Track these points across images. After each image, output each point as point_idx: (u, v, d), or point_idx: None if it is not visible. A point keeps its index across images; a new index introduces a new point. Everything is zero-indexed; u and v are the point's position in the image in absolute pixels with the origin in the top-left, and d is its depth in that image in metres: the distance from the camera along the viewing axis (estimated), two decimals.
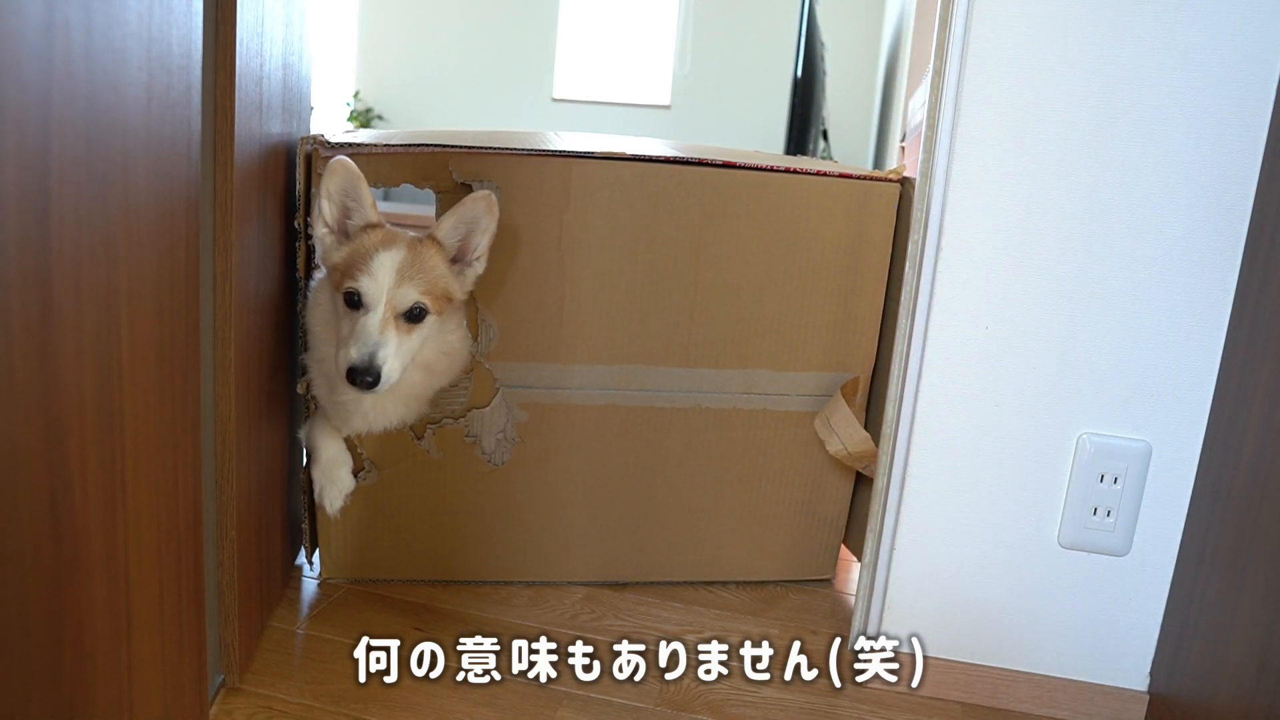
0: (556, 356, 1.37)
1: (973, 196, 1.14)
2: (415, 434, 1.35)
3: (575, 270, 1.34)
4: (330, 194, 1.19)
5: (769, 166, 1.35)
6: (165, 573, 0.77)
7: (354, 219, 1.21)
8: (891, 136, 3.56)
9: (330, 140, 1.26)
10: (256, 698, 1.11)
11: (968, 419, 1.19)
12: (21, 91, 0.51)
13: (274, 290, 1.22)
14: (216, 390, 1.01)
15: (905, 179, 1.38)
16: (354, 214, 1.21)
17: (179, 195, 0.75)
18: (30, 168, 0.52)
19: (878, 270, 1.41)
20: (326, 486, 1.32)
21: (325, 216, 1.20)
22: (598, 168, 1.31)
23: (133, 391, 0.68)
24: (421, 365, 1.25)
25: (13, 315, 0.52)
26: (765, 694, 1.22)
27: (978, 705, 1.24)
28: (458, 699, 1.14)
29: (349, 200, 1.20)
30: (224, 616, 1.08)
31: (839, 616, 1.46)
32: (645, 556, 1.49)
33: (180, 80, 0.73)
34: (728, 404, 1.43)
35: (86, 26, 0.57)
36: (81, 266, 0.59)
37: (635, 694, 1.19)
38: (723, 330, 1.39)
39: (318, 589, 1.41)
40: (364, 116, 5.62)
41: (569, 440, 1.41)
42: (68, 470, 0.59)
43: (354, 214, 1.21)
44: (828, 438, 1.44)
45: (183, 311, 0.77)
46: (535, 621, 1.36)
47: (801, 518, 1.51)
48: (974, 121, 1.13)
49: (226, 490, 1.04)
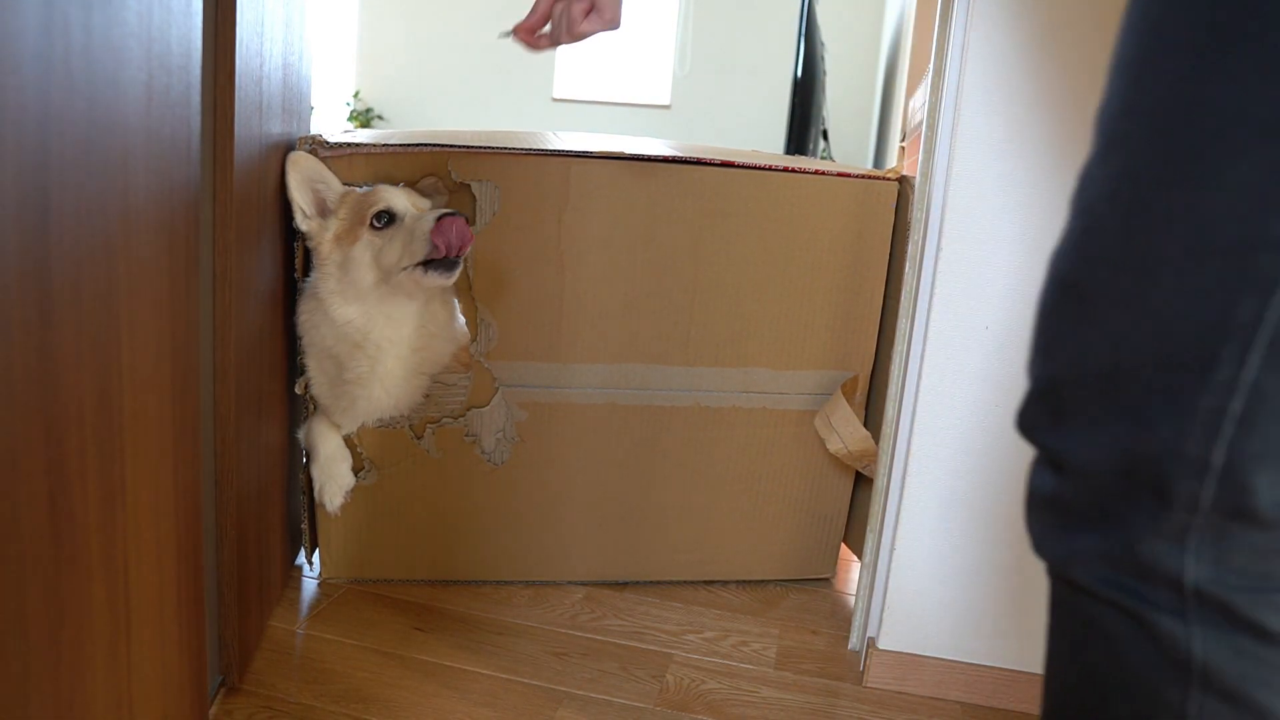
0: (556, 355, 1.37)
1: (973, 196, 1.14)
2: (415, 433, 1.35)
3: (574, 269, 1.34)
4: (298, 186, 1.22)
5: (768, 166, 1.35)
6: (165, 573, 0.77)
7: (329, 196, 1.25)
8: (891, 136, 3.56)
9: (329, 140, 1.27)
10: (256, 698, 1.11)
11: (968, 419, 1.19)
12: (21, 91, 0.51)
13: (274, 290, 1.22)
14: (216, 390, 1.01)
15: (904, 178, 1.38)
16: (327, 194, 1.25)
17: (179, 195, 0.75)
18: (30, 167, 0.52)
19: (877, 269, 1.41)
20: (326, 483, 1.32)
21: (303, 207, 1.23)
22: (597, 167, 1.31)
23: (133, 391, 0.68)
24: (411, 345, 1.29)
25: (13, 315, 0.52)
26: (765, 694, 1.22)
27: (978, 705, 1.24)
28: (457, 699, 1.14)
29: (317, 185, 1.24)
30: (224, 616, 1.08)
31: (839, 616, 1.46)
32: (645, 556, 1.49)
33: (180, 80, 0.73)
34: (727, 403, 1.43)
35: (86, 26, 0.57)
36: (81, 266, 0.59)
37: (635, 694, 1.19)
38: (722, 329, 1.39)
39: (318, 589, 1.41)
40: (364, 116, 5.63)
41: (568, 439, 1.41)
42: (67, 470, 0.59)
43: (327, 194, 1.25)
44: (828, 436, 1.44)
45: (183, 311, 0.77)
46: (535, 621, 1.36)
47: (801, 517, 1.51)
48: (974, 121, 1.13)
49: (226, 490, 1.04)
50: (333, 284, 1.24)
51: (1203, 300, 0.44)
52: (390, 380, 1.28)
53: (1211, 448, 0.45)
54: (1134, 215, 0.47)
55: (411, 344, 1.29)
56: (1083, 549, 0.50)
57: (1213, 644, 0.47)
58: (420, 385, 1.33)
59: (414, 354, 1.30)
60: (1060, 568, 0.53)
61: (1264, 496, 0.45)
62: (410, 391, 1.32)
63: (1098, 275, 0.49)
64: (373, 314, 1.24)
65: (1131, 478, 0.47)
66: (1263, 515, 0.46)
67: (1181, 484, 0.46)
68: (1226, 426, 0.44)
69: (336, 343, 1.26)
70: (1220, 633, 0.47)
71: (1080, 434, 0.49)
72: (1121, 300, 0.47)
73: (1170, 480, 0.46)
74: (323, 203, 1.24)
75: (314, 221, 1.23)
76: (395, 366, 1.28)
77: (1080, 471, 0.50)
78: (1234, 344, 0.43)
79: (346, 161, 1.27)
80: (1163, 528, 0.47)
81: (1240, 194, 0.43)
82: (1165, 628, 0.48)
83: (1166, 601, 0.48)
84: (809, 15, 3.78)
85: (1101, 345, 0.48)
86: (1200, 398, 0.44)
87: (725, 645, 1.33)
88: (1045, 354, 0.52)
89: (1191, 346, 0.45)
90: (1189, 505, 0.46)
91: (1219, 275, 0.44)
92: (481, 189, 1.28)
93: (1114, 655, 0.50)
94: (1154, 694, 0.49)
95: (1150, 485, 0.47)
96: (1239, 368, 0.44)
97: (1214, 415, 0.44)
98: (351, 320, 1.24)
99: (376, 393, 1.28)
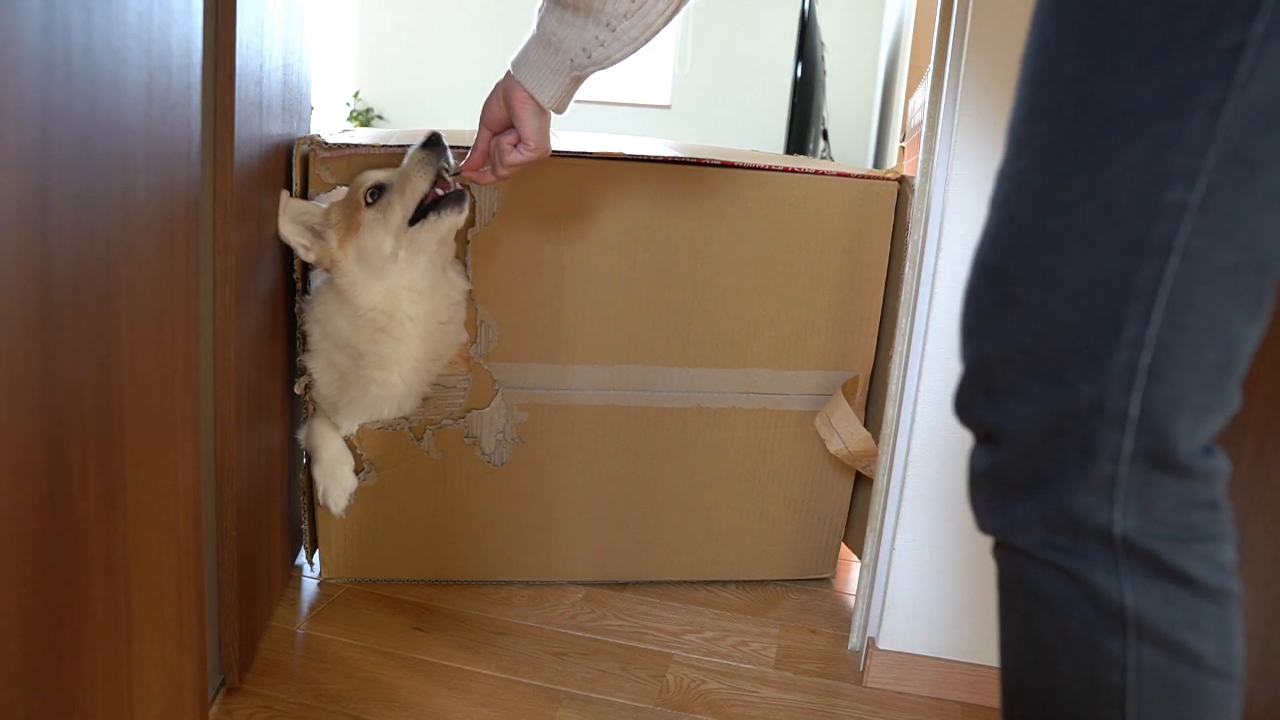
0: (556, 357, 1.37)
1: (973, 196, 1.14)
2: (415, 435, 1.35)
3: (575, 270, 1.34)
4: (291, 230, 1.22)
5: (768, 166, 1.35)
6: (165, 573, 0.77)
7: (317, 220, 1.24)
8: (891, 136, 3.56)
9: (328, 140, 1.27)
10: (256, 698, 1.11)
11: None
12: (21, 91, 0.51)
13: (274, 290, 1.22)
14: (216, 390, 1.01)
15: (904, 178, 1.39)
16: (315, 221, 1.24)
17: (179, 195, 0.75)
18: (30, 167, 0.52)
19: (877, 269, 1.41)
20: (330, 486, 1.32)
21: (302, 243, 1.23)
22: (597, 167, 1.31)
23: (133, 391, 0.68)
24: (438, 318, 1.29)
25: (13, 315, 0.52)
26: (765, 694, 1.22)
27: (978, 705, 1.24)
28: (457, 699, 1.14)
29: (304, 217, 1.23)
30: (224, 616, 1.08)
31: (839, 616, 1.46)
32: (645, 556, 1.49)
33: (180, 80, 0.73)
34: (727, 403, 1.43)
35: (86, 26, 0.57)
36: (81, 266, 0.59)
37: (635, 694, 1.19)
38: (722, 329, 1.39)
39: (318, 589, 1.41)
40: (364, 116, 5.63)
41: (569, 440, 1.41)
42: (67, 470, 0.59)
43: (315, 221, 1.24)
44: (828, 436, 1.44)
45: (183, 311, 0.77)
46: (535, 621, 1.36)
47: (801, 517, 1.51)
48: (974, 121, 1.13)
49: (226, 490, 1.04)
50: (355, 274, 1.24)
51: (1108, 268, 0.49)
52: (408, 365, 1.27)
53: (1128, 399, 0.49)
54: (1044, 203, 0.52)
55: (438, 317, 1.28)
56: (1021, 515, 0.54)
57: (1143, 593, 0.51)
58: (431, 372, 1.31)
59: (440, 328, 1.29)
60: (1003, 535, 0.56)
61: (1182, 446, 0.50)
62: (422, 380, 1.31)
63: (1016, 259, 0.54)
64: (397, 291, 1.24)
65: (1060, 437, 0.52)
66: (1181, 463, 0.50)
67: (1104, 436, 0.50)
68: (1139, 378, 0.49)
69: (356, 331, 1.25)
70: (1150, 582, 0.51)
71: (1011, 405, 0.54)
72: (1038, 278, 0.52)
73: (1093, 433, 0.50)
74: (315, 230, 1.24)
75: (315, 249, 1.23)
76: (417, 347, 1.27)
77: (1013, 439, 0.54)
78: (1138, 302, 0.48)
79: (345, 161, 1.27)
80: (1091, 481, 0.51)
81: (1132, 172, 0.48)
82: (1100, 582, 0.52)
83: (1100, 556, 0.52)
84: (809, 15, 3.78)
85: (1023, 321, 0.53)
86: (1114, 354, 0.49)
87: (725, 645, 1.33)
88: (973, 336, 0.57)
89: (1102, 309, 0.49)
90: (1112, 455, 0.50)
91: (1120, 244, 0.49)
92: (481, 189, 1.28)
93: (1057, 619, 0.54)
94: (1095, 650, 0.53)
95: (1076, 441, 0.51)
96: (1144, 324, 0.48)
97: (1127, 370, 0.49)
98: (377, 304, 1.24)
99: (393, 379, 1.27)
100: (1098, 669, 0.53)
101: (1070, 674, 0.54)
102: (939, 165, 1.15)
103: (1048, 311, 0.51)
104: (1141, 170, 0.48)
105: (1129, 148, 0.48)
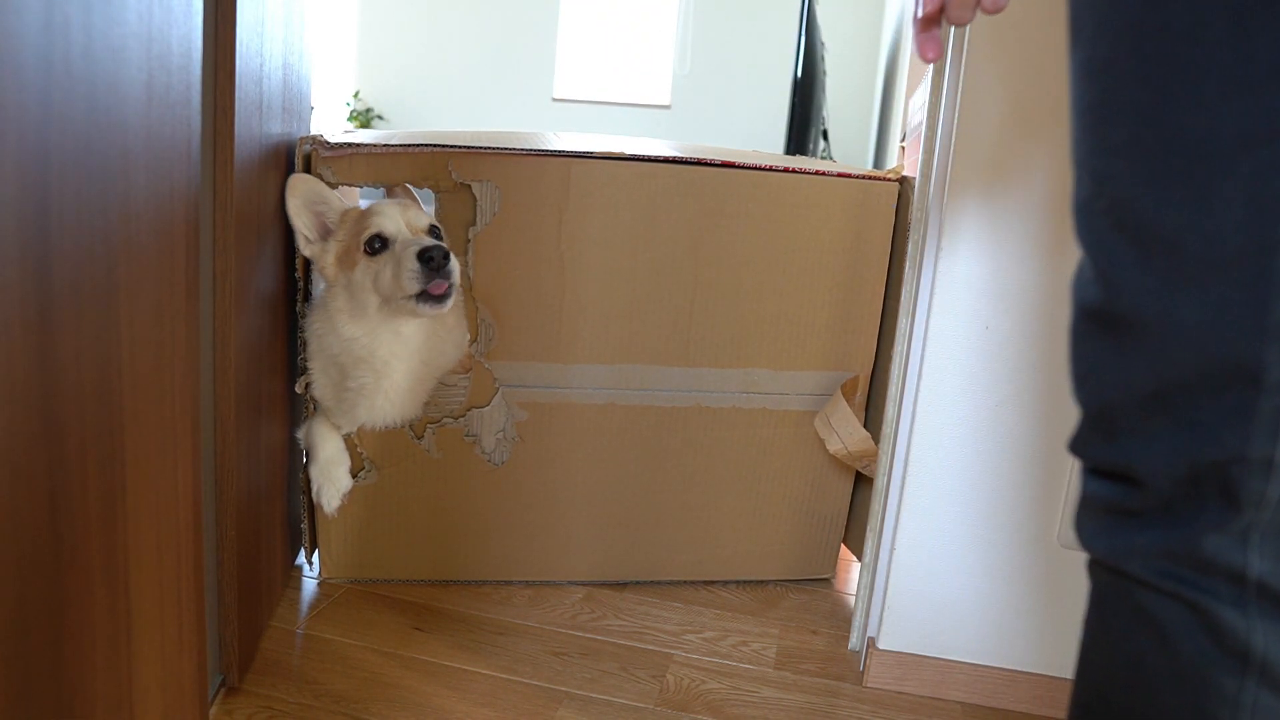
0: (556, 356, 1.37)
1: (973, 196, 1.14)
2: (415, 434, 1.35)
3: (575, 269, 1.34)
4: (298, 211, 1.22)
5: (768, 166, 1.35)
6: (165, 573, 0.77)
7: (330, 217, 1.25)
8: (891, 136, 3.56)
9: (330, 140, 1.27)
10: (256, 698, 1.11)
11: (968, 419, 1.19)
12: (21, 91, 0.51)
13: (274, 290, 1.22)
14: (216, 390, 1.01)
15: (904, 178, 1.38)
16: (327, 214, 1.25)
17: (179, 195, 0.75)
18: (30, 167, 0.52)
19: (877, 269, 1.41)
20: (324, 485, 1.32)
21: (304, 231, 1.23)
22: (597, 167, 1.31)
23: (132, 391, 0.68)
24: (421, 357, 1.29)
25: (13, 315, 0.52)
26: (765, 694, 1.22)
27: (978, 705, 1.24)
28: (457, 698, 1.14)
29: (318, 206, 1.24)
30: (224, 616, 1.08)
31: (839, 616, 1.46)
32: (645, 556, 1.49)
33: (180, 80, 0.73)
34: (727, 403, 1.43)
35: (86, 26, 0.57)
36: (81, 266, 0.59)
37: (635, 694, 1.19)
38: (722, 329, 1.39)
39: (318, 589, 1.41)
40: (364, 116, 5.63)
41: (569, 440, 1.41)
42: (67, 470, 0.59)
43: (327, 214, 1.25)
44: (828, 436, 1.44)
45: (182, 311, 0.77)
46: (535, 621, 1.36)
47: (801, 517, 1.51)
48: (974, 121, 1.13)
49: (226, 490, 1.04)
50: (340, 302, 1.25)
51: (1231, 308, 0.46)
52: (395, 392, 1.29)
53: (1275, 447, 0.47)
54: (1144, 241, 0.49)
55: (421, 356, 1.29)
56: (1143, 544, 0.52)
57: (1274, 637, 0.49)
58: (426, 391, 1.33)
59: (423, 366, 1.30)
60: (1114, 561, 0.54)
61: None
62: (416, 399, 1.32)
63: (1123, 301, 0.51)
64: (378, 332, 1.25)
65: (1198, 483, 0.49)
66: None
67: (1248, 484, 0.48)
68: None
69: (342, 353, 1.27)
70: None
71: (1138, 447, 0.52)
72: (1152, 321, 0.49)
73: (1236, 481, 0.48)
74: (324, 224, 1.25)
75: (316, 246, 1.24)
76: (402, 380, 1.29)
77: (1143, 480, 0.52)
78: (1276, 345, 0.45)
79: (346, 161, 1.27)
80: (1229, 527, 0.49)
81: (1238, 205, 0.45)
82: (1225, 619, 0.50)
83: (1228, 594, 0.50)
84: (809, 15, 3.78)
85: (1142, 366, 0.50)
86: (1258, 401, 0.47)
87: (725, 645, 1.33)
88: (1086, 382, 0.55)
89: (1236, 353, 0.47)
90: (1255, 502, 0.48)
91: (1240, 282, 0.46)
92: (481, 189, 1.28)
93: (1165, 645, 0.52)
94: (1207, 683, 0.51)
95: (1217, 489, 0.49)
96: None
97: (1274, 416, 0.47)
98: (357, 338, 1.25)
99: (379, 403, 1.29)
100: (1206, 702, 0.51)
101: (1172, 701, 0.52)
102: (939, 165, 1.15)
103: (1169, 355, 0.49)
104: (1247, 202, 0.45)
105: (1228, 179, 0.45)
